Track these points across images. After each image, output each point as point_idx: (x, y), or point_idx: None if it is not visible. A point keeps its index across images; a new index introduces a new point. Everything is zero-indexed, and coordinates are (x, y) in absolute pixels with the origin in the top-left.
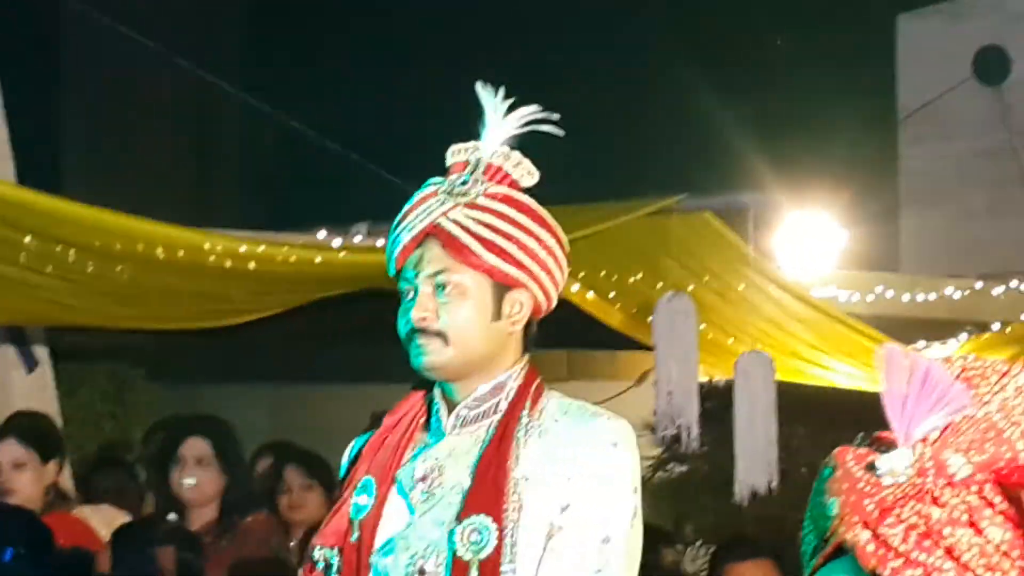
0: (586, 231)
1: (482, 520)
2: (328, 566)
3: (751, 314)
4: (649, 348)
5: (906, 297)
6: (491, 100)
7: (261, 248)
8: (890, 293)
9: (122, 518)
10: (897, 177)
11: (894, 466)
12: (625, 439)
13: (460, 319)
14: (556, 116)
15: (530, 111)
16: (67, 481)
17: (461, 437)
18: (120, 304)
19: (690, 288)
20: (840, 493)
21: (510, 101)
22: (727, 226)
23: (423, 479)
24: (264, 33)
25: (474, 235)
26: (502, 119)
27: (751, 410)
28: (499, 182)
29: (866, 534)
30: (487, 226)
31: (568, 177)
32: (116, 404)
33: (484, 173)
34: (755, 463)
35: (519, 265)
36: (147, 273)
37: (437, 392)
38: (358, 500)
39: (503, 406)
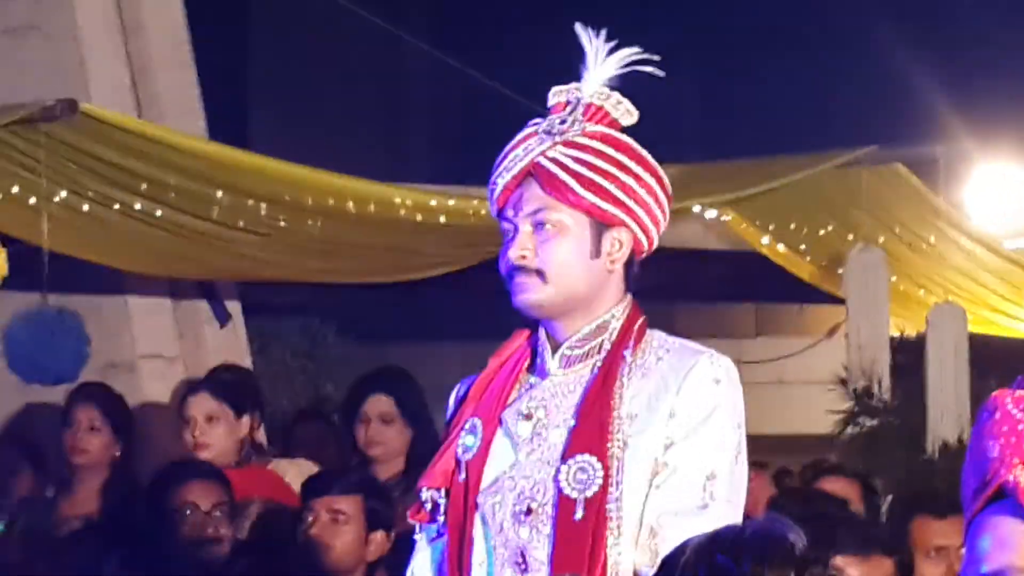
0: (776, 183)
1: (587, 459)
2: (435, 506)
3: (942, 266)
4: (840, 301)
5: None
6: (591, 41)
7: (452, 202)
8: None
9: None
10: None
11: None
12: (728, 376)
13: (559, 257)
14: (657, 58)
15: (629, 52)
16: (262, 435)
17: (566, 377)
18: (311, 258)
19: (881, 240)
20: (1000, 436)
21: (612, 43)
22: (918, 178)
23: (528, 419)
24: None
25: (572, 173)
26: (602, 61)
27: (943, 363)
28: (598, 122)
29: None
30: (585, 164)
31: (758, 129)
32: (307, 359)
33: (583, 113)
34: (946, 416)
35: (617, 203)
36: (338, 227)
37: (541, 332)
38: (465, 441)
39: (607, 346)
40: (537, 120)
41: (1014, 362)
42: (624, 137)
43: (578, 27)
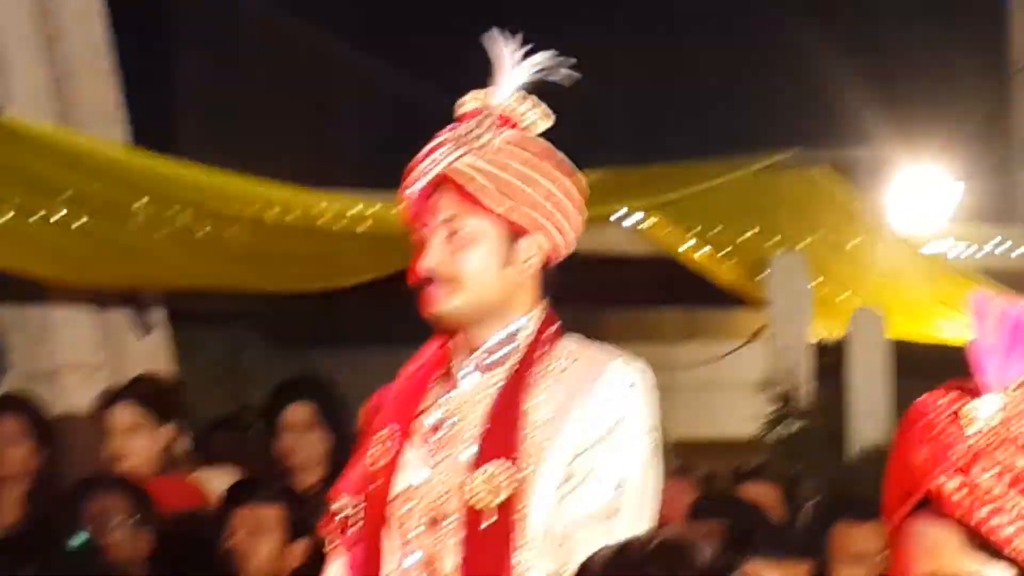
0: (699, 187)
1: (499, 464)
2: (347, 516)
3: (864, 269)
4: (763, 305)
5: (1022, 250)
6: (503, 47)
7: (374, 208)
8: (1006, 246)
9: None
10: (1011, 130)
11: (981, 413)
12: (642, 380)
13: (472, 265)
14: (572, 60)
15: (544, 57)
16: (184, 444)
17: (478, 384)
18: (234, 266)
19: (803, 244)
20: (924, 442)
21: (525, 48)
22: (840, 181)
23: (440, 426)
24: None
25: (487, 177)
26: (515, 66)
27: (864, 367)
28: (513, 127)
29: (953, 482)
30: (500, 168)
31: (680, 133)
32: (230, 367)
33: (497, 119)
34: (869, 420)
35: (533, 207)
36: (261, 235)
37: (455, 341)
38: (375, 450)
39: (519, 353)
40: (448, 127)
41: (937, 366)
42: (539, 141)
43: (491, 33)
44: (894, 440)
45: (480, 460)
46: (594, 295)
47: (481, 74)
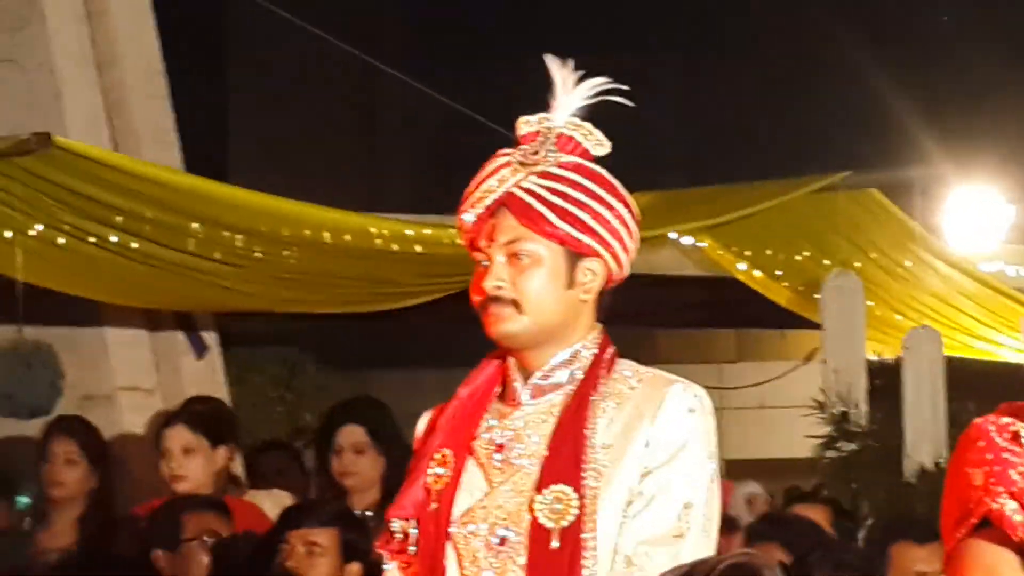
0: (752, 209)
1: (562, 488)
2: (406, 537)
3: (918, 290)
4: (817, 326)
5: None
6: (560, 71)
7: (427, 231)
8: None
9: (291, 502)
10: None
11: None
12: (702, 405)
13: (534, 287)
14: (625, 87)
15: (599, 82)
16: (238, 466)
17: (537, 406)
18: (287, 289)
19: (857, 265)
20: (983, 464)
21: (580, 72)
22: (893, 202)
23: (500, 448)
24: (429, 16)
25: (547, 204)
26: (572, 90)
27: (919, 386)
28: (570, 152)
29: (1013, 504)
30: (560, 195)
31: (734, 155)
32: (286, 389)
33: (555, 143)
34: (924, 440)
35: (592, 233)
36: (314, 258)
37: (511, 362)
38: (434, 470)
39: (578, 375)
40: (506, 150)
41: (992, 386)
42: (596, 167)
43: (548, 57)
44: (951, 461)
45: (543, 483)
46: (647, 315)
47: (529, 100)
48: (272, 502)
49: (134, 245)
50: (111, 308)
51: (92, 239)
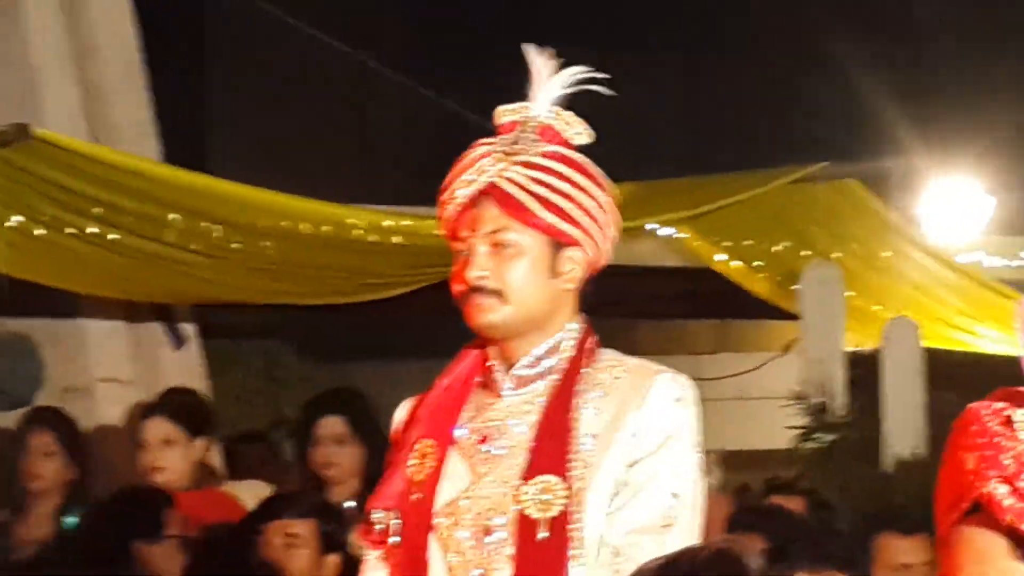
0: (731, 199)
1: (549, 479)
2: (387, 528)
3: (897, 281)
4: (795, 317)
5: None
6: (539, 60)
7: (407, 222)
8: None
9: (270, 494)
10: None
11: None
12: (688, 395)
13: (518, 277)
14: (605, 76)
15: (578, 70)
16: (217, 458)
17: (520, 396)
18: (266, 280)
19: (836, 256)
20: (976, 448)
21: (560, 61)
22: (872, 193)
23: (483, 439)
24: (425, 14)
25: (531, 193)
26: (550, 79)
27: (898, 377)
28: (552, 141)
29: (1003, 488)
30: (544, 184)
31: (713, 145)
32: (266, 381)
33: (537, 133)
34: (903, 430)
35: (575, 223)
36: (292, 248)
37: (493, 351)
38: (416, 460)
39: (561, 364)
40: (487, 140)
41: (970, 377)
42: (579, 156)
43: (526, 47)
44: (947, 446)
45: (530, 473)
46: (625, 306)
47: (514, 93)
48: (251, 493)
49: (113, 236)
50: (90, 300)
51: (71, 230)
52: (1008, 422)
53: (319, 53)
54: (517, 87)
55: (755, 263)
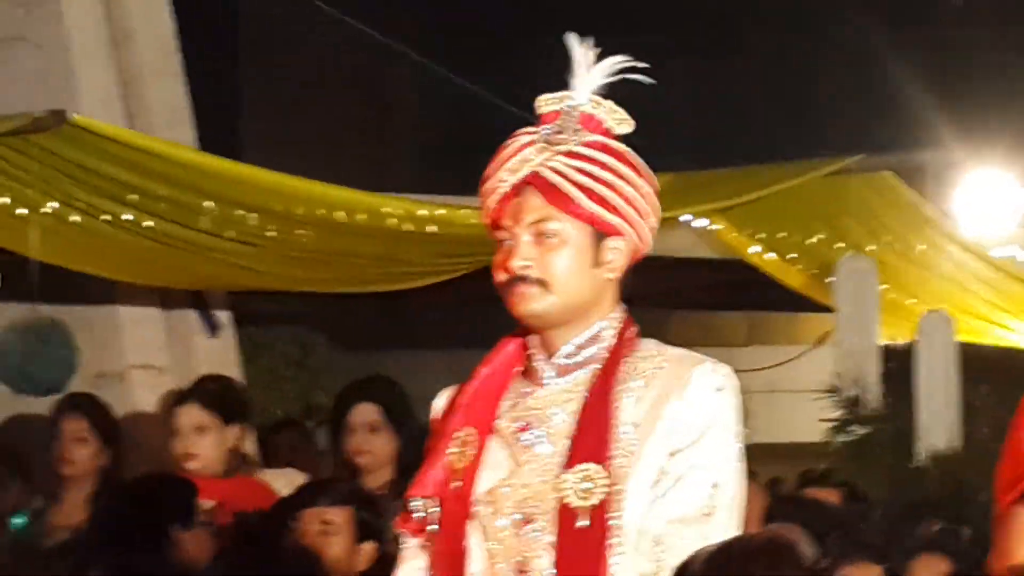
0: (766, 191)
1: (590, 467)
2: (426, 515)
3: (932, 274)
4: (828, 309)
5: None
6: (579, 50)
7: (441, 211)
8: None
9: (304, 481)
10: None
11: None
12: (729, 385)
13: (561, 266)
14: (645, 65)
15: (618, 60)
16: (250, 445)
17: (561, 385)
18: (300, 268)
19: (870, 248)
20: None
21: (599, 51)
22: (907, 185)
23: (524, 428)
24: None
25: (575, 183)
26: (591, 68)
27: (932, 371)
28: (593, 131)
29: None
30: (587, 174)
31: (748, 138)
32: (298, 368)
33: (579, 122)
34: (937, 424)
35: (618, 213)
36: (328, 237)
37: (534, 340)
38: (457, 449)
39: (602, 354)
40: (529, 129)
41: (1004, 370)
42: (621, 146)
43: (568, 36)
44: (1011, 426)
45: (571, 462)
46: (659, 297)
47: (542, 80)
48: (285, 481)
49: (147, 223)
50: (124, 286)
51: (106, 217)
52: None
53: (352, 38)
54: (545, 75)
55: (789, 255)
